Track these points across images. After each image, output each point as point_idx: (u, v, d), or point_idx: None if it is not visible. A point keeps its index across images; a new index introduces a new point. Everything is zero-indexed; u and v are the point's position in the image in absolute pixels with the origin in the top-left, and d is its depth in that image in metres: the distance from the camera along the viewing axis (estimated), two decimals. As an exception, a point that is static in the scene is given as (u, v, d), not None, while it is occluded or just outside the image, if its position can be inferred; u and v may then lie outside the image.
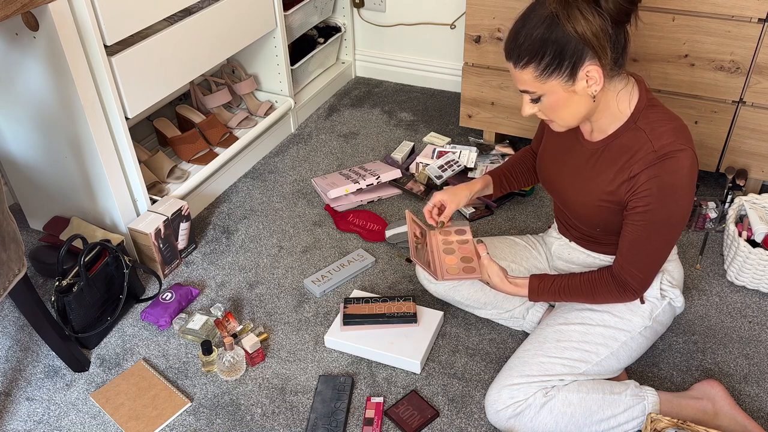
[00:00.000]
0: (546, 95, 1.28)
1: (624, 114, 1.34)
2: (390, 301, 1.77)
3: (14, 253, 1.42)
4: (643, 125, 1.32)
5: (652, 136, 1.30)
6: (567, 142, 1.47)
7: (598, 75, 1.24)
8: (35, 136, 1.88)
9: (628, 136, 1.34)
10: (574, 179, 1.45)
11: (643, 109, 1.33)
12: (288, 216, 2.22)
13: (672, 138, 1.29)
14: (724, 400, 1.50)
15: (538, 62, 1.23)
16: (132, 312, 1.89)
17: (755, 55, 1.94)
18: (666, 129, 1.30)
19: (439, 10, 2.75)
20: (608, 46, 1.22)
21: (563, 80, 1.24)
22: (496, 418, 1.45)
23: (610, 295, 1.44)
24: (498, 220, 2.17)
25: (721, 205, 2.11)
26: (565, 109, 1.30)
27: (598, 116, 1.36)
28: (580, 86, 1.26)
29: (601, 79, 1.25)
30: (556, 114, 1.32)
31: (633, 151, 1.32)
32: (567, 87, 1.26)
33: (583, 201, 1.44)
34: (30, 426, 1.59)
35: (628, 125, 1.34)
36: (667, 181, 1.29)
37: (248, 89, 2.52)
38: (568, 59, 1.22)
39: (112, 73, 1.76)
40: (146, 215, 1.95)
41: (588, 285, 1.45)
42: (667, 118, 1.32)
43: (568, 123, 1.35)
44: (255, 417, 1.59)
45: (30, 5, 1.44)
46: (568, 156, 1.47)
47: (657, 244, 1.36)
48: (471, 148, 2.39)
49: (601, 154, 1.39)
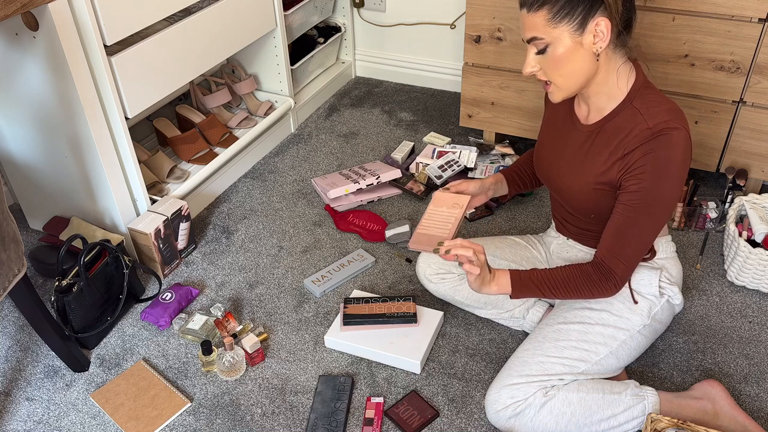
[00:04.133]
0: (553, 44, 1.29)
1: (621, 92, 1.36)
2: (390, 301, 1.77)
3: (14, 253, 1.41)
4: (638, 105, 1.34)
5: (648, 116, 1.32)
6: (563, 127, 1.50)
7: (606, 30, 1.26)
8: (35, 136, 1.88)
9: (623, 116, 1.36)
10: (569, 165, 1.47)
11: (640, 89, 1.35)
12: (288, 216, 2.22)
13: (667, 117, 1.31)
14: (725, 400, 1.50)
15: (552, 5, 1.25)
16: (132, 312, 1.89)
17: (755, 55, 1.94)
18: (661, 109, 1.32)
19: (439, 10, 2.75)
20: (621, 3, 1.26)
21: (573, 28, 1.26)
22: (496, 418, 1.45)
23: (593, 286, 1.41)
24: (498, 220, 2.17)
25: (721, 205, 2.11)
26: (567, 64, 1.31)
27: (596, 91, 1.37)
28: (588, 39, 1.28)
29: (607, 36, 1.27)
30: (558, 70, 1.32)
31: (627, 130, 1.35)
32: (575, 37, 1.27)
33: (579, 185, 1.45)
34: (30, 426, 1.59)
35: (624, 104, 1.36)
36: (662, 156, 1.30)
37: (248, 89, 2.52)
38: (581, 6, 1.24)
39: (111, 73, 1.76)
40: (146, 215, 1.95)
41: (570, 277, 1.43)
42: (662, 99, 1.35)
43: (568, 85, 1.34)
44: (255, 417, 1.59)
45: (30, 5, 1.44)
46: (564, 142, 1.49)
47: (644, 227, 1.36)
48: (471, 148, 2.39)
49: (596, 136, 1.41)
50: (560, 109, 1.52)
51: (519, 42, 2.21)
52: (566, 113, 1.50)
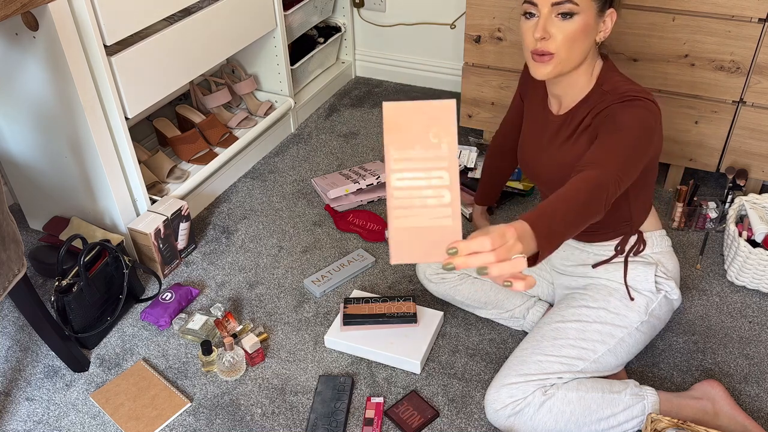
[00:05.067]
0: (581, 14, 1.28)
1: (588, 87, 1.41)
2: (390, 301, 1.77)
3: (14, 253, 1.42)
4: (607, 87, 1.37)
5: (617, 91, 1.34)
6: (539, 121, 1.53)
7: (612, 23, 1.34)
8: (35, 136, 1.88)
9: (593, 99, 1.39)
10: (550, 156, 1.49)
11: (607, 73, 1.39)
12: (288, 216, 2.22)
13: (638, 90, 1.33)
14: (724, 400, 1.50)
15: None
16: (132, 312, 1.89)
17: (755, 55, 1.94)
18: (631, 87, 1.35)
19: (439, 10, 2.75)
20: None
21: (599, 6, 1.31)
22: (495, 417, 1.45)
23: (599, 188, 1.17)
24: (498, 220, 2.17)
25: (721, 205, 2.11)
26: (579, 41, 1.31)
27: (572, 82, 1.40)
28: (599, 25, 1.34)
29: (609, 30, 1.35)
30: (570, 44, 1.30)
31: (599, 108, 1.36)
32: (596, 16, 1.32)
33: (562, 175, 1.43)
34: (30, 426, 1.59)
35: (594, 90, 1.40)
36: (631, 111, 1.29)
37: (248, 89, 2.52)
38: None
39: (111, 73, 1.76)
40: (146, 215, 1.95)
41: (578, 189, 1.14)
42: (631, 81, 1.38)
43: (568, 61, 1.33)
44: (255, 417, 1.59)
45: (30, 5, 1.44)
46: (542, 134, 1.52)
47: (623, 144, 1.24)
48: (471, 148, 2.39)
49: (570, 121, 1.44)
50: (535, 106, 1.55)
51: (519, 42, 2.21)
52: (540, 107, 1.53)
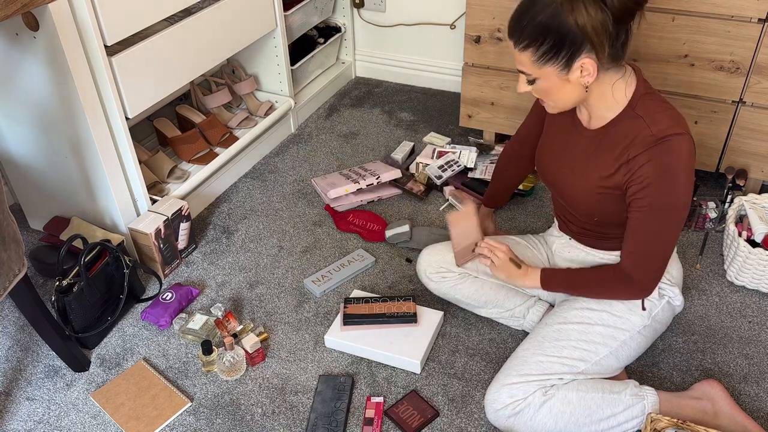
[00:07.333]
0: (540, 79, 1.32)
1: (621, 102, 1.37)
2: (390, 301, 1.77)
3: (14, 253, 1.42)
4: (641, 112, 1.35)
5: (650, 121, 1.33)
6: (566, 131, 1.50)
7: (593, 68, 1.28)
8: (35, 136, 1.88)
9: (626, 123, 1.37)
10: (572, 167, 1.47)
11: (641, 96, 1.36)
12: (288, 216, 2.22)
13: (670, 123, 1.32)
14: (724, 400, 1.50)
15: (537, 48, 1.27)
16: (132, 312, 1.89)
17: (755, 55, 1.94)
18: (664, 115, 1.33)
19: (439, 10, 2.75)
20: (606, 42, 1.25)
21: (558, 68, 1.28)
22: (495, 417, 1.45)
23: (618, 289, 1.46)
24: (498, 220, 2.17)
25: (721, 205, 2.11)
26: (557, 94, 1.35)
27: (595, 104, 1.39)
28: (574, 76, 1.30)
29: (594, 73, 1.28)
30: (549, 97, 1.37)
31: (631, 136, 1.35)
32: (561, 75, 1.30)
33: (582, 189, 1.45)
34: (30, 426, 1.59)
35: (627, 112, 1.37)
36: (666, 162, 1.31)
37: (248, 89, 2.52)
38: (565, 49, 1.25)
39: (112, 73, 1.76)
40: (146, 215, 1.95)
41: (600, 279, 1.48)
42: (664, 105, 1.36)
43: (561, 106, 1.39)
44: (255, 417, 1.59)
45: (30, 5, 1.44)
46: (567, 144, 1.50)
47: (660, 233, 1.37)
48: (471, 148, 2.39)
49: (600, 140, 1.41)
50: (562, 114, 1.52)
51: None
52: (569, 117, 1.50)
